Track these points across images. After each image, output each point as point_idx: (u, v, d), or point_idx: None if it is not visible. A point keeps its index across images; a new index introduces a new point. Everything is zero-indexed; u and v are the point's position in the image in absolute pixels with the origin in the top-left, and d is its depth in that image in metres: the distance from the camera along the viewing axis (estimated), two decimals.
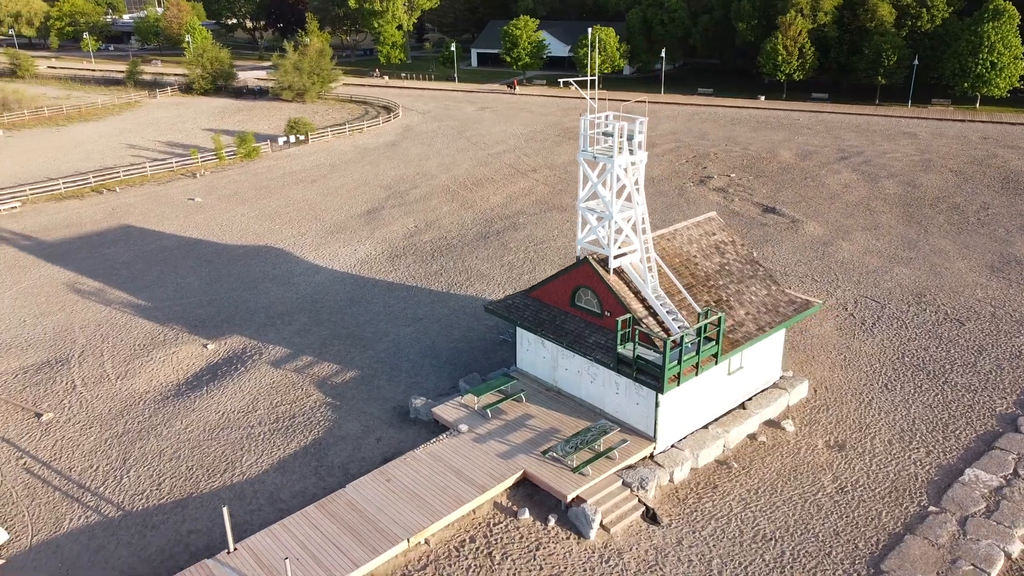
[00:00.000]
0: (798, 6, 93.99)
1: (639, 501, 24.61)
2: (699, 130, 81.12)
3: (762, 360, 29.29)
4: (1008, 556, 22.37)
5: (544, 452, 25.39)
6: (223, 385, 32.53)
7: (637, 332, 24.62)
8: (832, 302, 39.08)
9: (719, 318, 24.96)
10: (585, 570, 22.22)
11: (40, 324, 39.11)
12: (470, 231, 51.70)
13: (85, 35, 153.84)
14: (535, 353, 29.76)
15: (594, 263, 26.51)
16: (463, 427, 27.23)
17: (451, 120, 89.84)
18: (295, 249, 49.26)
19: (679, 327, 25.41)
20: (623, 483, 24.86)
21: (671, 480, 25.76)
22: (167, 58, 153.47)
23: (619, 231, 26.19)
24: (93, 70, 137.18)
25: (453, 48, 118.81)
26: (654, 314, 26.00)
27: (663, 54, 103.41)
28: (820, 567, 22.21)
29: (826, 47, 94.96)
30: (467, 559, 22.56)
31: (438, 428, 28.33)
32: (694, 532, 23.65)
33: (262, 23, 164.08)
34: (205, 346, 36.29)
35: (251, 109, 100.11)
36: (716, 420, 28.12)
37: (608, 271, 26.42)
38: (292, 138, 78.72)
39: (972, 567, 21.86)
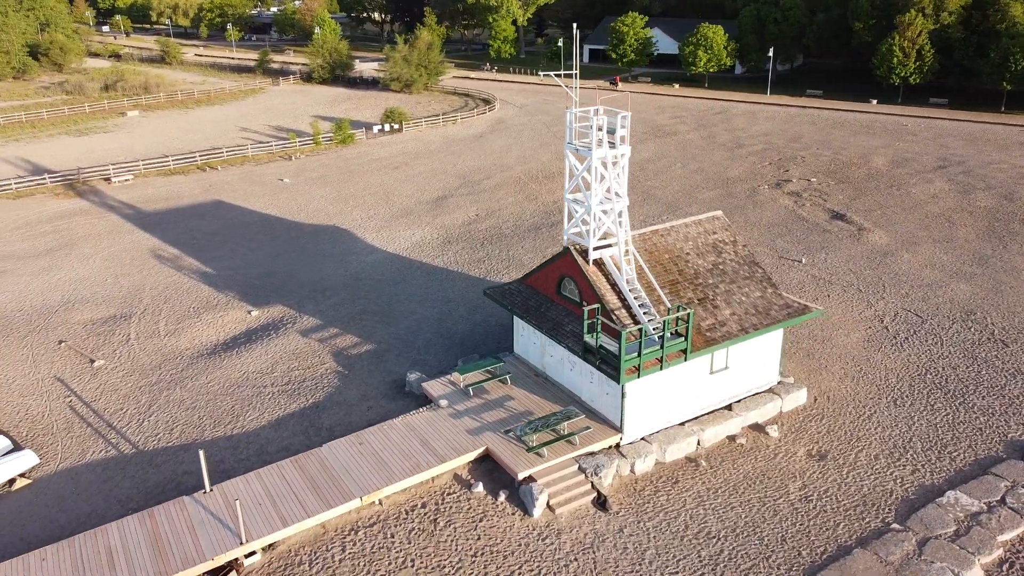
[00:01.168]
0: (919, 6, 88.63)
1: (592, 487, 25.14)
2: (794, 132, 78.37)
3: (753, 363, 28.90)
4: None
5: (507, 431, 26.35)
6: (252, 348, 35.37)
7: (600, 322, 25.11)
8: (869, 313, 37.53)
9: (687, 314, 25.03)
10: (520, 545, 23.09)
11: (118, 284, 43.62)
12: (526, 222, 52.81)
13: (229, 26, 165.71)
14: (527, 339, 30.68)
15: (575, 253, 27.14)
16: (443, 402, 28.60)
17: (543, 115, 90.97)
18: (359, 230, 52.07)
19: (649, 321, 25.66)
20: (579, 468, 25.46)
21: (632, 471, 26.09)
22: (300, 48, 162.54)
23: (600, 223, 26.67)
24: (231, 58, 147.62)
25: (560, 43, 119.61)
26: (628, 307, 26.33)
27: (771, 53, 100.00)
28: (754, 569, 22.06)
29: (949, 49, 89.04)
30: (413, 522, 23.94)
31: (426, 402, 29.81)
32: (639, 522, 23.96)
33: (389, 16, 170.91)
34: (249, 312, 39.42)
35: (361, 98, 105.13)
36: (696, 418, 28.06)
37: (588, 262, 26.97)
38: (387, 127, 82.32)
39: None
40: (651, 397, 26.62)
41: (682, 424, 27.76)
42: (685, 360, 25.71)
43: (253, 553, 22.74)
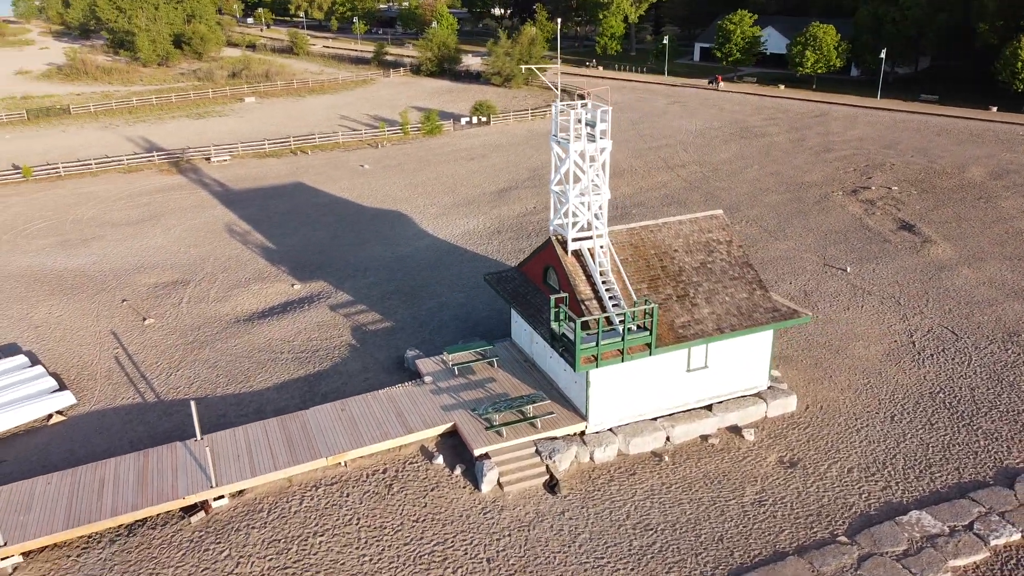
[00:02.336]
0: None
1: (547, 470, 25.86)
2: (891, 138, 74.40)
3: (736, 364, 28.59)
4: None
5: (474, 409, 27.44)
6: (283, 317, 38.07)
7: (565, 310, 25.74)
8: (901, 327, 35.87)
9: (652, 308, 25.24)
10: (461, 516, 24.19)
11: (188, 253, 47.73)
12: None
13: (355, 20, 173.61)
14: (520, 325, 31.59)
15: (556, 243, 27.83)
16: (428, 378, 30.03)
17: (634, 112, 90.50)
18: (417, 216, 54.29)
19: (617, 313, 26.03)
20: (536, 451, 26.23)
21: (591, 459, 26.58)
22: (419, 42, 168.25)
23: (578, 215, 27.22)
24: (353, 51, 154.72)
25: (666, 41, 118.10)
26: (600, 298, 26.79)
27: (883, 55, 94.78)
28: (681, 563, 22.20)
29: None
30: (369, 485, 25.51)
31: (418, 377, 31.32)
32: (583, 508, 24.51)
33: (508, 11, 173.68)
34: (292, 286, 42.28)
35: (461, 91, 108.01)
36: (671, 415, 28.13)
37: (567, 252, 27.59)
38: (475, 119, 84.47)
39: None
40: (618, 388, 26.97)
41: (654, 419, 27.91)
42: (650, 354, 25.89)
43: (222, 497, 24.98)
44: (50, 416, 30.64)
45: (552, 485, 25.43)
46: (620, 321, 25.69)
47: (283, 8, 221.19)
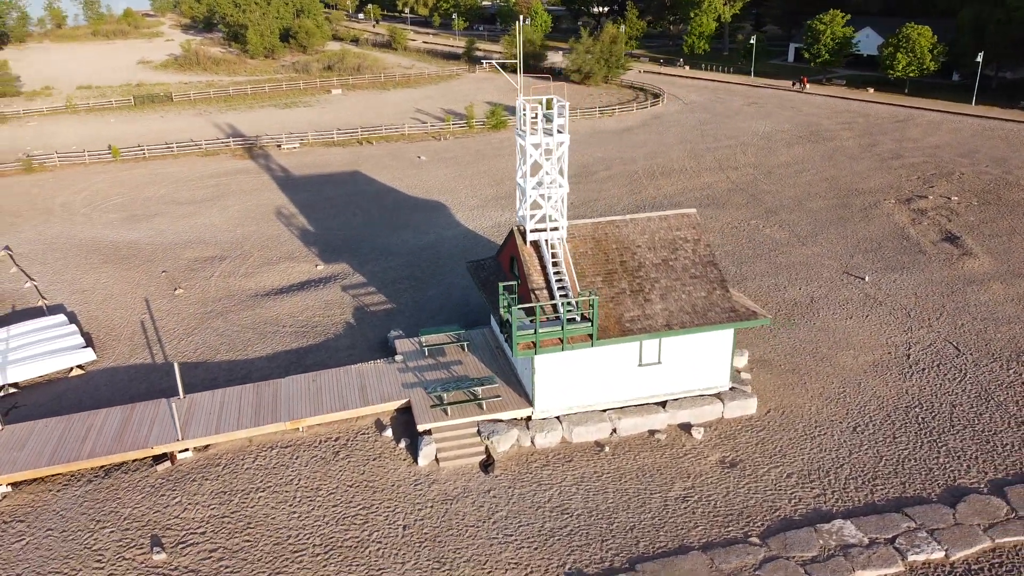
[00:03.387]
0: None
1: (485, 450, 26.88)
2: (970, 147, 70.31)
3: (692, 363, 28.64)
4: None
5: (427, 388, 28.74)
6: (297, 295, 40.54)
7: (509, 298, 26.65)
8: (902, 339, 34.62)
9: (593, 300, 25.79)
10: (392, 485, 25.59)
11: (234, 232, 51.23)
12: (610, 214, 53.54)
13: (454, 16, 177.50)
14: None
15: (517, 234, 28.73)
16: (399, 357, 31.57)
17: (706, 112, 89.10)
18: (455, 208, 55.99)
19: (563, 302, 26.69)
20: (478, 431, 27.29)
21: (532, 443, 27.38)
22: (505, 38, 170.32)
23: (538, 207, 28.01)
24: (449, 46, 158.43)
25: (753, 41, 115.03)
26: (550, 288, 27.51)
27: (979, 58, 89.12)
28: (585, 547, 22.79)
29: None
30: (319, 450, 27.28)
31: (392, 355, 32.90)
32: (510, 488, 25.40)
33: (606, 9, 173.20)
34: (316, 266, 44.80)
35: (540, 88, 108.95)
36: (622, 408, 28.54)
37: (525, 242, 28.44)
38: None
39: None
40: (566, 377, 27.63)
41: (604, 411, 28.39)
42: (592, 345, 26.44)
43: (187, 450, 27.35)
44: (71, 369, 34.10)
45: (487, 465, 26.43)
46: (570, 306, 26.35)
47: (391, 4, 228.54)
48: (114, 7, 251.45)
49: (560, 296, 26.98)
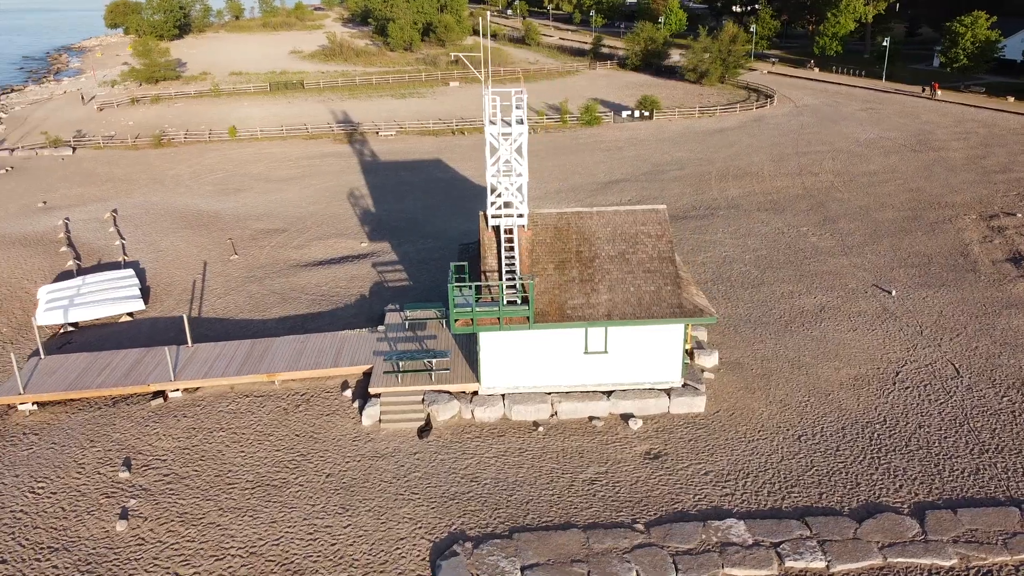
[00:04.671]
0: None
1: (427, 417, 28.82)
2: None
3: (640, 355, 29.11)
4: None
5: (386, 356, 30.99)
6: (330, 267, 44.03)
7: (454, 276, 28.36)
8: (899, 356, 33.08)
9: (529, 284, 27.04)
10: (332, 438, 28.06)
11: (304, 208, 55.77)
12: (699, 210, 53.44)
13: (592, 13, 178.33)
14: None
15: (483, 218, 30.33)
16: (381, 328, 34.04)
17: (813, 116, 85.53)
18: None
19: (503, 284, 28.07)
20: (423, 399, 29.24)
21: (472, 416, 28.99)
22: (627, 36, 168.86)
23: (499, 194, 29.47)
24: (581, 42, 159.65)
25: (887, 43, 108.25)
26: (500, 271, 28.94)
27: None
28: (477, 513, 24.18)
29: None
30: (284, 402, 30.24)
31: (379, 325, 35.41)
32: (435, 454, 27.18)
33: (747, 8, 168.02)
34: (361, 243, 48.22)
35: (653, 86, 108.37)
36: (567, 393, 29.52)
37: (487, 226, 30.01)
38: (637, 113, 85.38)
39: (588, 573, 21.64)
40: (511, 357, 28.98)
41: (548, 393, 29.50)
42: (529, 327, 27.66)
43: (177, 390, 31.15)
44: (121, 316, 39.20)
45: (423, 431, 28.35)
46: (510, 289, 27.72)
47: (539, 1, 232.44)
48: (288, 1, 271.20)
49: (506, 279, 28.35)
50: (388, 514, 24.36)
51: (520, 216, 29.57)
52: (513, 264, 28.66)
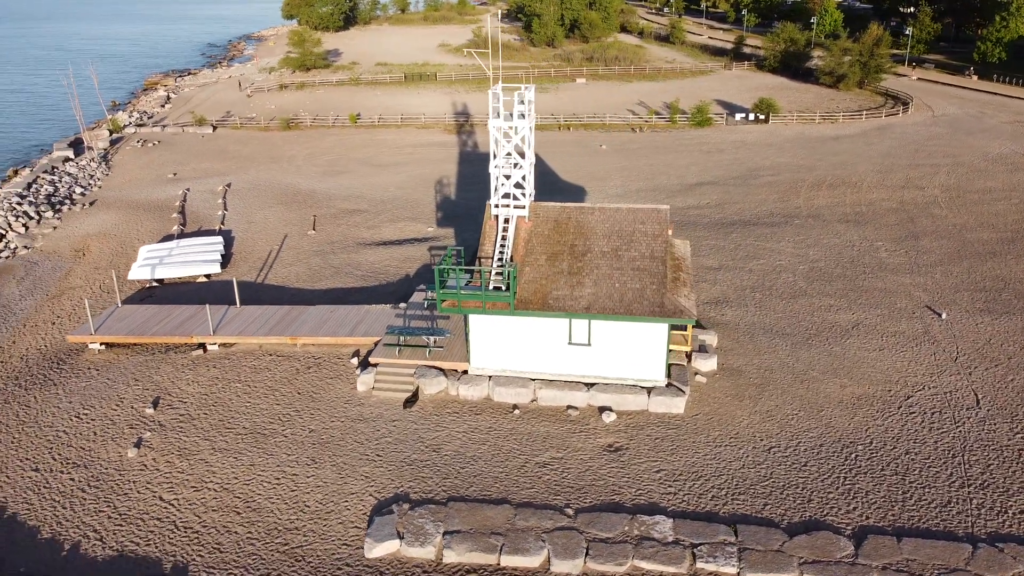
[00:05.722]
0: None
1: (416, 389, 30.81)
2: None
3: (623, 351, 29.56)
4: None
5: (388, 331, 33.17)
6: (390, 248, 46.98)
7: (445, 260, 30.05)
8: (921, 381, 31.31)
9: (510, 271, 28.33)
10: (330, 399, 30.63)
11: (390, 192, 59.30)
12: (741, 217, 52.44)
13: (744, 12, 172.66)
14: None
15: (488, 207, 31.83)
16: (402, 305, 36.35)
17: (946, 127, 79.39)
18: (593, 194, 58.47)
19: (489, 269, 29.48)
20: (415, 373, 31.23)
21: (457, 393, 30.65)
22: (767, 36, 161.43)
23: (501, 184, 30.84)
24: (726, 42, 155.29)
25: None
26: (494, 258, 30.34)
27: None
28: (426, 479, 25.88)
29: None
30: (298, 362, 33.18)
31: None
32: (412, 423, 29.07)
33: (912, 9, 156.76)
34: (427, 228, 50.91)
35: (785, 89, 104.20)
36: (551, 381, 30.51)
37: (490, 216, 31.48)
38: (752, 116, 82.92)
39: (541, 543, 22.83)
40: (499, 341, 30.33)
41: (533, 379, 30.62)
42: (511, 313, 28.92)
43: (215, 344, 34.96)
44: (199, 277, 44.01)
45: (409, 401, 30.35)
46: (498, 276, 29.12)
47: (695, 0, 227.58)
48: None
49: (498, 264, 29.73)
50: (349, 471, 26.56)
51: (521, 207, 30.79)
52: (505, 252, 29.95)
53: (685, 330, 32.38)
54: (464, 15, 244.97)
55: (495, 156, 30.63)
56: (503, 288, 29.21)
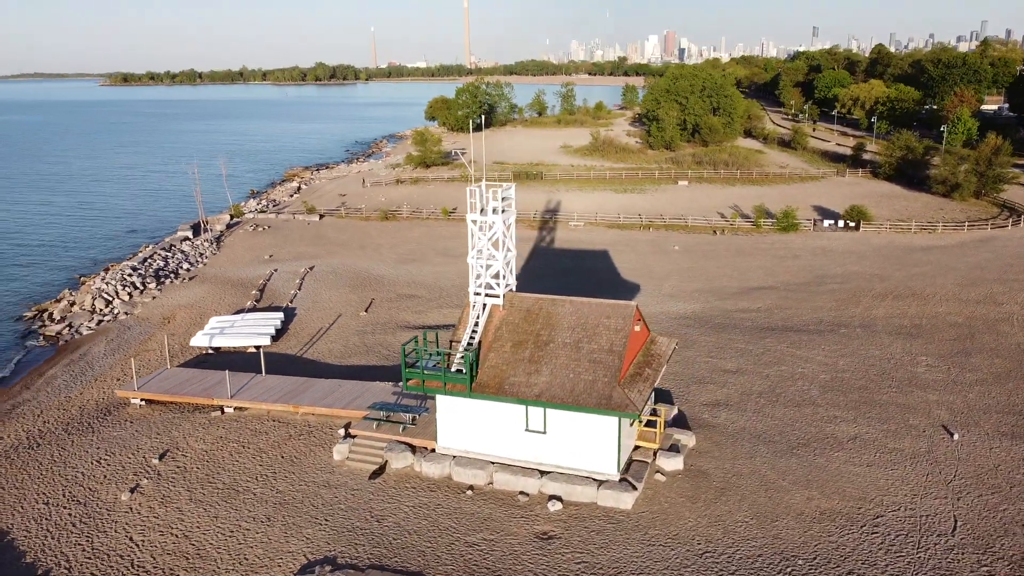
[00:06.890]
0: None
1: (384, 463, 32.57)
2: None
3: (575, 441, 30.10)
4: None
5: (374, 406, 35.29)
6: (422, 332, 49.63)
7: (421, 341, 32.11)
8: (898, 500, 29.60)
9: (467, 357, 30.04)
10: (303, 465, 32.93)
11: (450, 281, 62.50)
12: (774, 325, 51.35)
13: (874, 118, 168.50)
14: None
15: (471, 295, 33.89)
16: (401, 384, 38.51)
17: None
18: (648, 292, 59.23)
19: (446, 352, 31.28)
20: (387, 447, 33.05)
21: (421, 469, 32.10)
22: (884, 143, 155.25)
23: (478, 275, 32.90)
24: (848, 147, 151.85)
25: None
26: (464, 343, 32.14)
27: None
28: (359, 546, 27.34)
29: None
30: (293, 429, 35.89)
31: None
32: (369, 494, 30.68)
33: None
34: None
35: (893, 197, 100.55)
36: (510, 466, 31.39)
37: (469, 303, 33.47)
38: (842, 223, 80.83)
39: None
40: (463, 422, 31.75)
41: (492, 463, 31.62)
42: (469, 395, 30.42)
43: (231, 408, 38.46)
44: (249, 348, 48.44)
45: (376, 474, 32.11)
46: (460, 359, 30.87)
47: (830, 104, 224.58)
48: (591, 100, 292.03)
49: (464, 350, 31.50)
50: (295, 531, 28.47)
51: (495, 296, 32.62)
52: (474, 338, 31.71)
53: (655, 427, 32.45)
54: (598, 119, 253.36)
55: (472, 248, 32.80)
56: (463, 371, 30.81)
